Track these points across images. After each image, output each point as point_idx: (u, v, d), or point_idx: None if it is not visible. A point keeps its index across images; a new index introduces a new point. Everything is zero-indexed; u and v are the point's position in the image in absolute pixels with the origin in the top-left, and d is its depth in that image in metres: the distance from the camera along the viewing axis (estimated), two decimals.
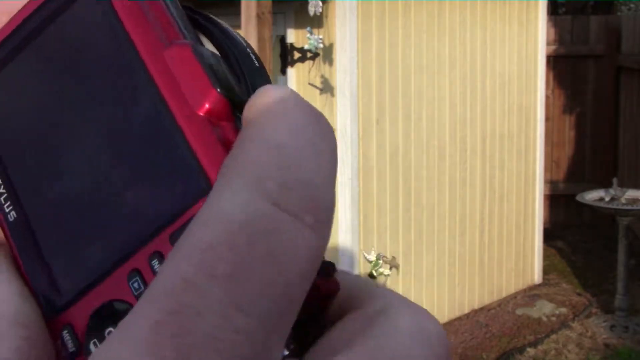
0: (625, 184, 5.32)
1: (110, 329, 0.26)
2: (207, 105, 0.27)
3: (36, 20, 0.31)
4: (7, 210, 0.30)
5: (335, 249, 4.25)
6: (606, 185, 5.29)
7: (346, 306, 0.27)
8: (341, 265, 4.33)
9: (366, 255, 4.12)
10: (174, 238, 0.26)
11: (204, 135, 0.26)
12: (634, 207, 4.79)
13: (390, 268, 4.13)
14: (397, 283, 4.50)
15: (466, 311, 5.06)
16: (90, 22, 0.29)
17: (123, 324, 0.23)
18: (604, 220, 6.60)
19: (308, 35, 4.07)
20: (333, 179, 0.24)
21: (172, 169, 0.27)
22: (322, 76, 4.21)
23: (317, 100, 4.25)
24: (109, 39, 0.29)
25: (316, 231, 0.23)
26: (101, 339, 0.27)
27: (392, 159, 4.42)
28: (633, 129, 6.42)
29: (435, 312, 4.80)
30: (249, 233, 0.22)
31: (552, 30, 6.65)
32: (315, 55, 4.20)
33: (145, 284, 0.26)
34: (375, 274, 4.06)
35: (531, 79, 5.38)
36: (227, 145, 0.26)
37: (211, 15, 0.31)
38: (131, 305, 0.25)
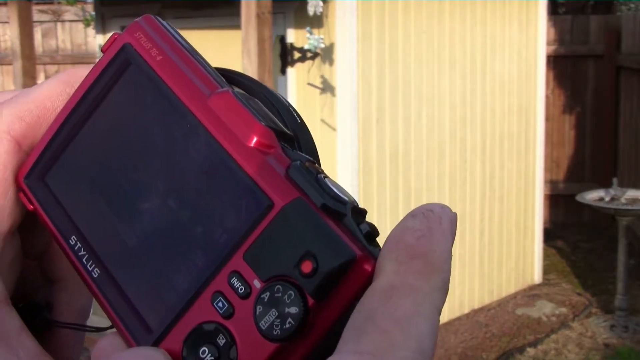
0: (625, 184, 5.32)
1: (204, 348, 0.30)
2: (255, 138, 0.31)
3: (96, 91, 0.35)
4: (90, 269, 0.34)
5: None
6: (606, 185, 5.29)
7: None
8: None
9: None
10: (247, 256, 0.30)
11: (257, 163, 0.30)
12: (634, 207, 4.79)
13: None
14: None
15: (466, 311, 5.06)
16: (140, 87, 0.34)
17: None
18: (604, 220, 6.60)
19: (308, 35, 4.07)
20: None
21: (235, 196, 0.31)
22: (322, 76, 4.21)
23: (317, 100, 4.25)
24: (158, 98, 0.33)
25: None
26: (197, 359, 0.30)
27: (392, 159, 4.42)
28: (633, 129, 6.42)
29: None
30: None
31: (552, 30, 6.65)
32: (315, 55, 4.20)
33: (229, 302, 0.30)
34: None
35: (531, 79, 5.38)
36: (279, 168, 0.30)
37: (254, 78, 0.36)
38: (219, 324, 0.29)
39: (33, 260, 0.40)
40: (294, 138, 0.33)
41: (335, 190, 0.30)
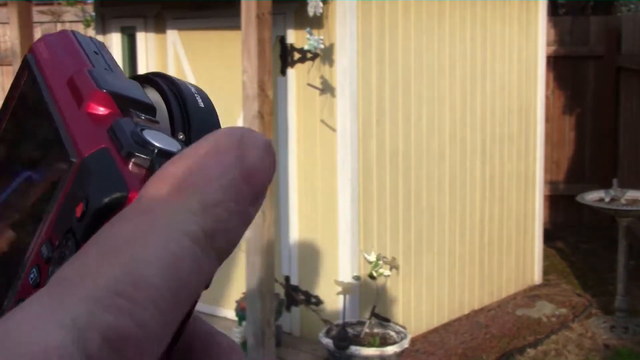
0: (625, 185, 5.32)
1: None
2: (90, 103, 0.32)
3: (6, 102, 0.38)
4: None
5: (335, 250, 4.25)
6: (606, 185, 5.29)
7: None
8: (341, 266, 4.31)
9: (366, 255, 4.12)
10: (57, 218, 0.29)
11: (83, 125, 0.31)
12: (634, 208, 4.79)
13: (390, 269, 4.12)
14: (397, 284, 4.50)
15: (466, 312, 5.06)
16: (29, 86, 0.36)
17: None
18: (604, 221, 6.60)
19: (308, 35, 4.07)
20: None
21: (61, 159, 0.31)
22: (322, 77, 4.21)
23: (317, 101, 4.25)
24: (38, 91, 0.35)
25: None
26: None
27: (392, 160, 4.42)
28: (633, 129, 6.42)
29: (435, 313, 4.80)
30: None
31: (552, 31, 6.65)
32: (315, 56, 4.21)
33: (39, 271, 0.29)
34: (375, 274, 4.06)
35: (531, 80, 5.39)
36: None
37: (167, 75, 0.37)
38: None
39: None
40: (154, 108, 0.33)
41: (151, 140, 0.29)
